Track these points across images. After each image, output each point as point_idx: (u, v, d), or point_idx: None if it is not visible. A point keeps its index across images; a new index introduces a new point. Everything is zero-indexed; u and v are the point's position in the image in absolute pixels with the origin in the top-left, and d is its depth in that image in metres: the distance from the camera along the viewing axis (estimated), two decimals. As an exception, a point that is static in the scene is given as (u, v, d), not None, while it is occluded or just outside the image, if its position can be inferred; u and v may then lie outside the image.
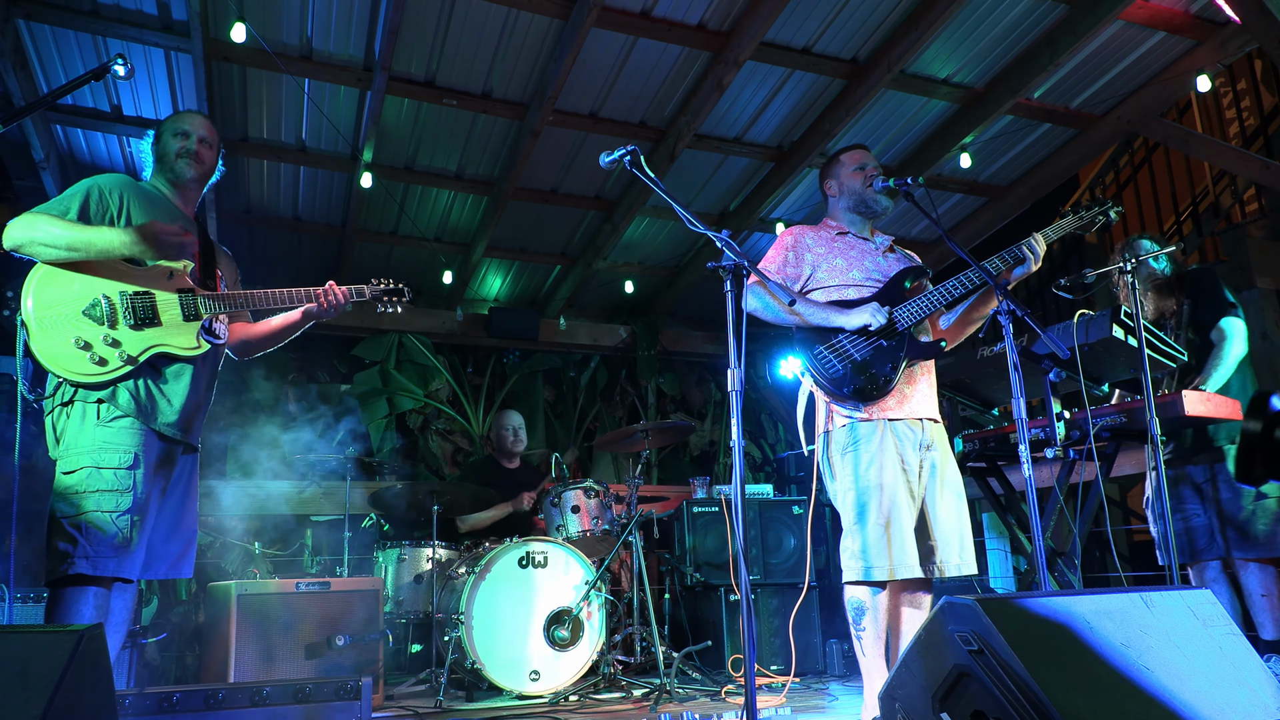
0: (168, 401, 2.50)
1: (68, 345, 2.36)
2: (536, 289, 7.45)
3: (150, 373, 2.48)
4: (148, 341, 2.46)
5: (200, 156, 2.73)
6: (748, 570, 1.94)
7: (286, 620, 3.63)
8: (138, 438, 2.41)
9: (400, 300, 2.90)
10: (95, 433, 2.37)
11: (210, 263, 2.71)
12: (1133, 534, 6.10)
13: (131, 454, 2.38)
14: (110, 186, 2.55)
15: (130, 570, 2.36)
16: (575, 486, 4.46)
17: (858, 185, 2.91)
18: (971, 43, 4.93)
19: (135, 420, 2.41)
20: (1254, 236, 5.58)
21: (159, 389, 2.49)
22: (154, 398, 2.47)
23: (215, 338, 2.66)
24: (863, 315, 2.68)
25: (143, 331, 2.46)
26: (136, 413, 2.42)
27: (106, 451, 2.36)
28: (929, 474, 2.69)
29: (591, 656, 4.09)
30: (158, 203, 2.65)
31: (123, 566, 2.33)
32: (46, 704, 1.45)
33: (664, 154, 5.49)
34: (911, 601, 2.71)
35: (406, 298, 2.92)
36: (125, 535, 2.32)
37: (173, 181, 2.71)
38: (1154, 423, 2.79)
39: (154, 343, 2.46)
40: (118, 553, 2.31)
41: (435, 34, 4.60)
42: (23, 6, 4.20)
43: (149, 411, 2.45)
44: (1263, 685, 1.84)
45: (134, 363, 2.42)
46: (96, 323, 2.40)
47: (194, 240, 2.61)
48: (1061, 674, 1.62)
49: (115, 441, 2.38)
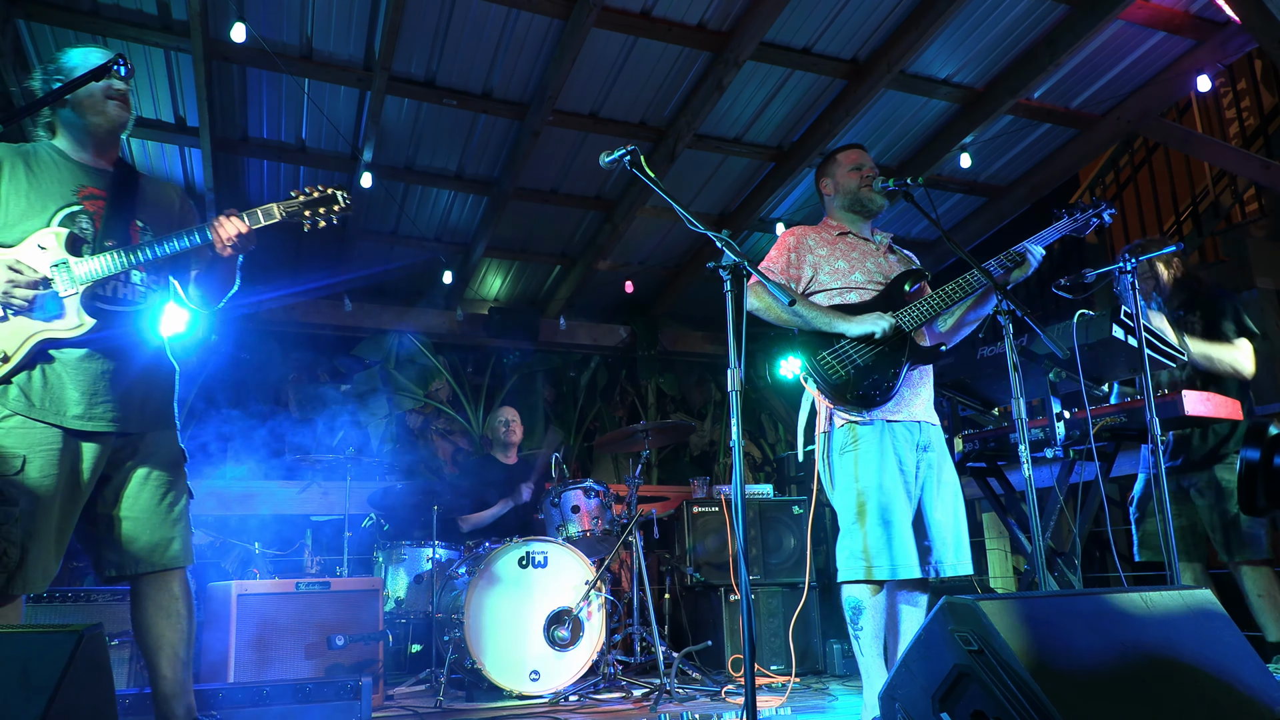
0: (77, 391, 2.19)
1: None
2: (536, 289, 7.45)
3: (49, 362, 2.19)
4: (25, 332, 2.16)
5: (128, 98, 2.39)
6: (748, 570, 1.94)
7: (286, 620, 3.63)
8: (29, 437, 2.14)
9: (335, 209, 2.41)
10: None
11: (121, 219, 2.33)
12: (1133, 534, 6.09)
13: (19, 457, 2.11)
14: None
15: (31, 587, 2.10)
16: (575, 487, 4.46)
17: (853, 185, 2.91)
18: (971, 43, 4.93)
19: (26, 419, 2.14)
20: (1254, 236, 5.58)
21: (59, 379, 2.19)
22: (53, 389, 2.18)
23: (121, 305, 2.29)
24: (866, 324, 2.66)
25: (15, 320, 2.16)
26: (27, 409, 2.15)
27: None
28: (926, 475, 2.70)
29: (591, 656, 4.09)
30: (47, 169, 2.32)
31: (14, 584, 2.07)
32: (46, 704, 1.45)
33: (664, 154, 5.50)
34: (909, 601, 2.71)
35: (343, 205, 2.42)
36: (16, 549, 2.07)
37: (95, 128, 2.35)
38: (1154, 422, 2.79)
39: (31, 332, 2.17)
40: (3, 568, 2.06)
41: (435, 34, 4.61)
42: (23, 6, 4.20)
43: (48, 406, 2.17)
44: (1263, 685, 1.84)
45: (11, 361, 2.14)
46: None
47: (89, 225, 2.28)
48: (1061, 674, 1.62)
49: (3, 445, 2.12)
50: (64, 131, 2.40)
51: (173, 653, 2.32)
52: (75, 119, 2.36)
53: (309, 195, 2.39)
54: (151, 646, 2.32)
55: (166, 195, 2.53)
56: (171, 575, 2.36)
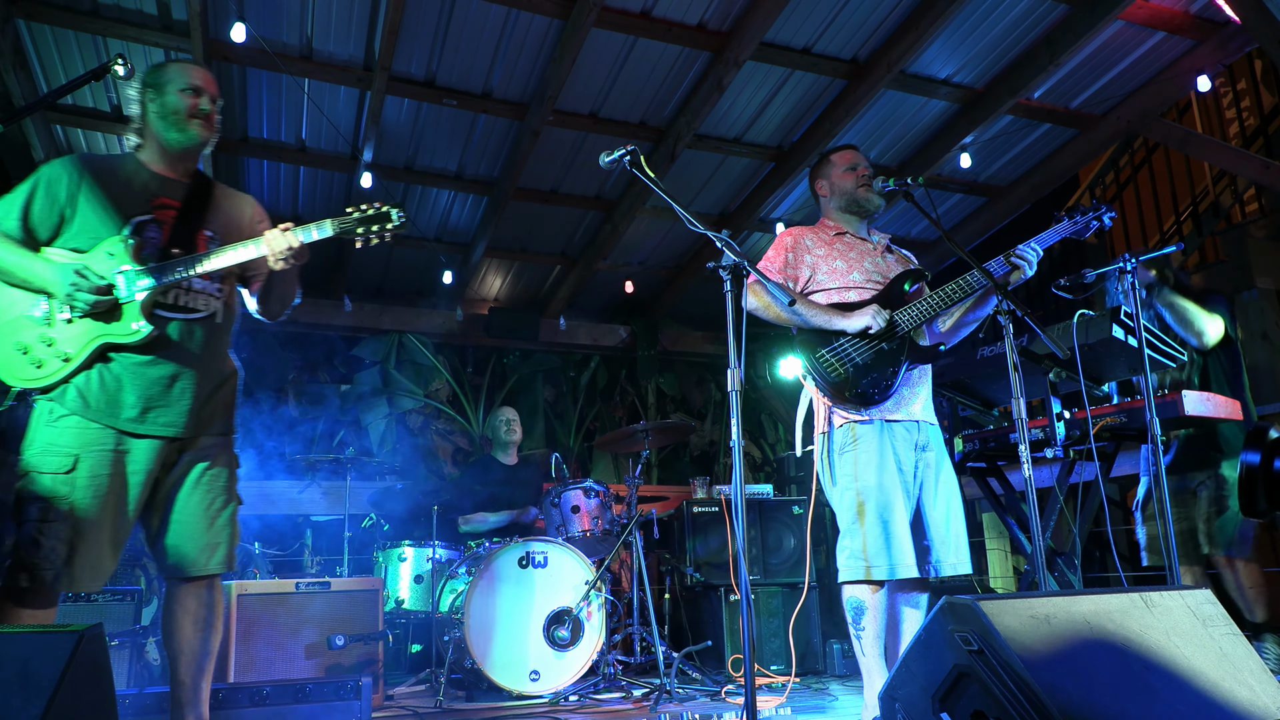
0: (134, 395, 2.24)
1: (10, 351, 2.22)
2: (536, 289, 7.45)
3: (107, 364, 2.25)
4: (88, 335, 2.23)
5: (213, 120, 2.45)
6: (748, 570, 1.94)
7: (286, 620, 3.63)
8: (83, 437, 2.19)
9: (389, 226, 2.38)
10: (42, 434, 2.20)
11: (190, 229, 2.38)
12: (1133, 534, 6.10)
13: (71, 456, 2.16)
14: (55, 178, 2.29)
15: (78, 586, 2.13)
16: (575, 487, 4.46)
17: (849, 185, 2.91)
18: (971, 43, 4.93)
19: (82, 419, 2.20)
20: (1254, 236, 5.58)
21: (118, 382, 2.24)
22: (110, 392, 2.23)
23: (182, 313, 2.34)
24: (863, 318, 2.67)
25: (81, 324, 2.23)
26: (83, 410, 2.21)
27: (52, 455, 2.17)
28: (925, 475, 2.70)
29: (591, 656, 4.09)
30: (122, 181, 2.36)
31: (61, 580, 2.10)
32: (46, 704, 1.45)
33: (664, 154, 5.50)
34: (909, 601, 2.71)
35: (396, 222, 2.39)
36: (65, 547, 2.10)
37: (174, 144, 2.39)
38: (1154, 422, 2.79)
39: (94, 335, 2.23)
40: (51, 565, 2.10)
41: (435, 34, 4.61)
42: (23, 6, 4.20)
43: (104, 408, 2.22)
44: (1263, 685, 1.84)
45: (71, 361, 2.21)
46: (38, 323, 2.23)
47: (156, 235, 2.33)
48: (1061, 674, 1.62)
49: (57, 443, 2.18)
50: (149, 144, 2.45)
51: (193, 660, 2.35)
52: (160, 133, 2.41)
53: (363, 211, 2.39)
54: (174, 651, 2.35)
55: (239, 207, 2.57)
56: (207, 583, 2.39)
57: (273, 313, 2.60)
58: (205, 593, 2.38)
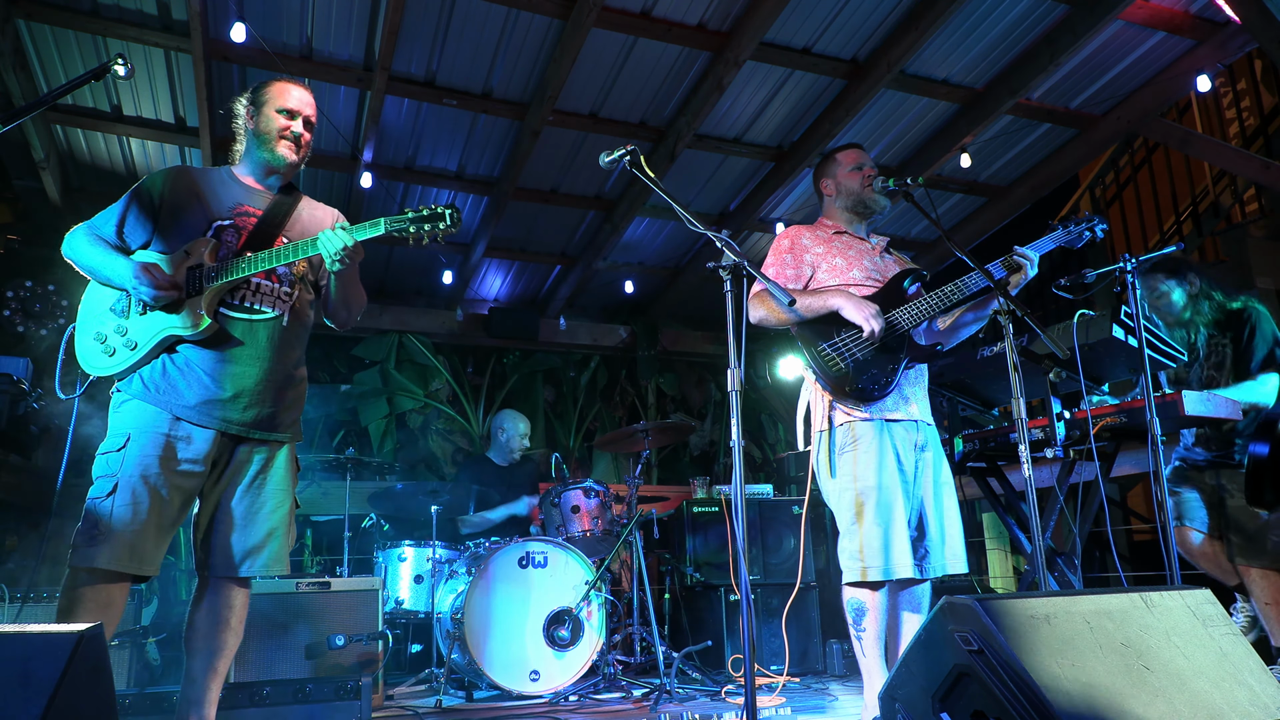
0: (193, 385, 2.34)
1: (89, 341, 2.37)
2: (536, 289, 7.45)
3: (172, 356, 2.36)
4: (155, 326, 2.36)
5: (304, 142, 2.56)
6: (748, 570, 1.94)
7: (286, 620, 3.63)
8: (140, 418, 2.29)
9: (442, 227, 2.40)
10: (111, 420, 2.33)
11: (267, 234, 2.48)
12: (1133, 534, 6.10)
13: (124, 435, 2.27)
14: (150, 187, 2.45)
15: (116, 561, 2.16)
16: (575, 487, 4.46)
17: (855, 185, 2.91)
18: (971, 43, 4.93)
19: (141, 403, 2.32)
20: (1254, 236, 5.58)
21: (180, 373, 2.34)
22: (172, 380, 2.34)
23: (247, 312, 2.43)
24: (860, 310, 2.66)
25: (151, 317, 2.36)
26: (144, 395, 2.32)
27: (110, 436, 2.29)
28: (923, 474, 2.70)
29: (591, 656, 4.09)
30: (211, 191, 2.48)
31: (99, 556, 2.15)
32: (46, 704, 1.45)
33: (664, 154, 5.50)
34: (909, 601, 2.71)
35: (449, 223, 2.40)
36: (107, 522, 2.17)
37: (261, 162, 2.54)
38: (1154, 422, 2.79)
39: (160, 327, 2.35)
40: (93, 541, 2.16)
41: (435, 34, 4.61)
42: (23, 6, 4.20)
43: (164, 394, 2.32)
44: (1263, 685, 1.84)
45: (139, 349, 2.34)
46: (116, 316, 2.38)
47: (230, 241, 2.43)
48: (1061, 674, 1.62)
49: (117, 425, 2.30)
50: (244, 158, 2.59)
51: (209, 661, 2.37)
52: (252, 150, 2.56)
53: (418, 213, 2.42)
54: (193, 648, 2.38)
55: (319, 216, 2.66)
56: (238, 586, 2.42)
57: (340, 319, 2.67)
58: (233, 596, 2.42)
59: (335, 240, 2.36)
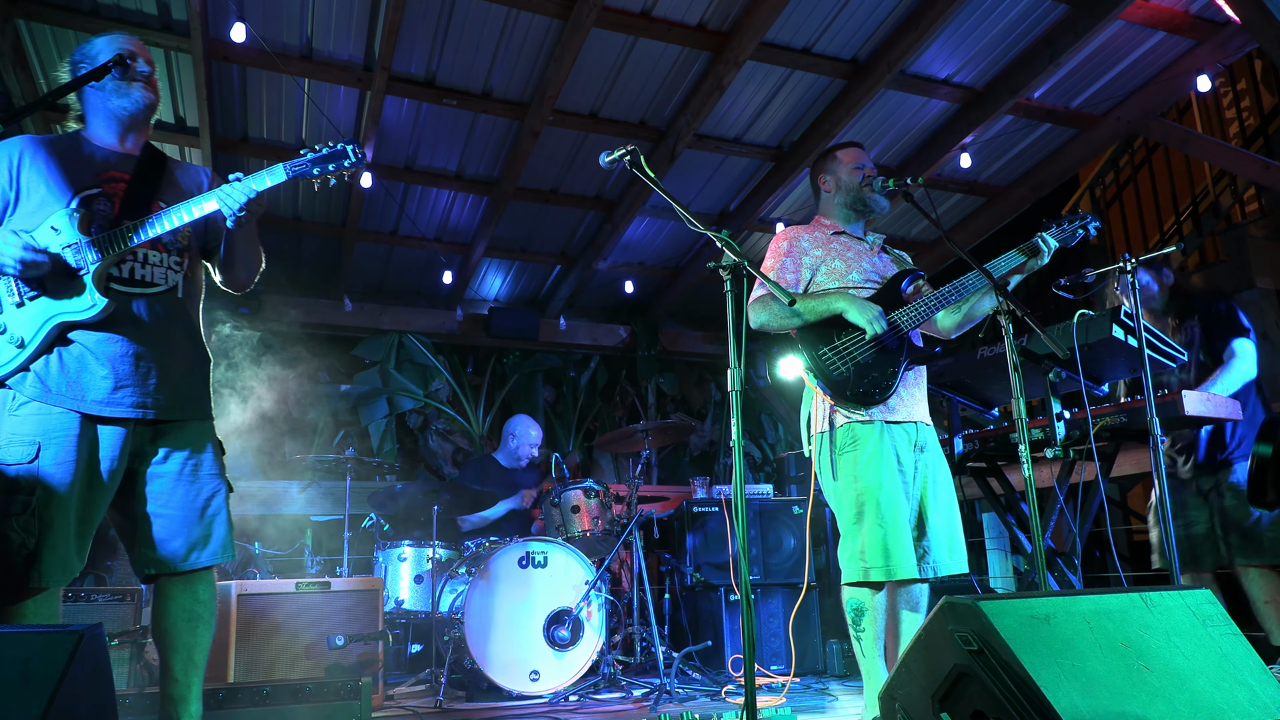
0: (97, 375, 2.13)
1: None
2: (536, 289, 7.45)
3: (67, 346, 2.14)
4: (42, 315, 2.12)
5: (154, 83, 2.36)
6: (748, 570, 1.94)
7: (286, 620, 3.63)
8: (45, 423, 2.08)
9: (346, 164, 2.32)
10: (4, 425, 2.09)
11: (141, 201, 2.28)
12: (1133, 534, 6.10)
13: (33, 446, 2.05)
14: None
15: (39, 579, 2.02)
16: (575, 487, 4.46)
17: (855, 184, 2.91)
18: (971, 43, 4.93)
19: (42, 404, 2.09)
20: (1254, 236, 5.58)
21: (79, 363, 2.13)
22: (72, 374, 2.12)
23: (138, 285, 2.23)
24: (864, 313, 2.66)
25: (32, 305, 2.13)
26: (43, 395, 2.09)
27: (10, 446, 2.06)
28: (923, 475, 2.70)
29: (591, 656, 4.09)
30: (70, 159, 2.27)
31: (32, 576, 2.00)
32: (46, 704, 1.45)
33: (664, 154, 5.50)
34: (908, 601, 2.71)
35: (352, 159, 2.32)
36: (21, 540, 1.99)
37: (120, 111, 2.31)
38: (1154, 422, 2.79)
39: (48, 315, 2.12)
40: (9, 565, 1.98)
41: (435, 34, 4.61)
42: (23, 6, 4.20)
43: (65, 391, 2.11)
44: (1263, 685, 1.84)
45: (27, 345, 2.11)
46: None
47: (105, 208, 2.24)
48: (1061, 674, 1.62)
49: (19, 432, 2.07)
50: (91, 118, 2.36)
51: (187, 656, 2.26)
52: (101, 104, 2.32)
53: (317, 152, 2.30)
54: (167, 647, 2.26)
55: (194, 178, 2.48)
56: (199, 577, 2.28)
57: (239, 281, 2.48)
58: (198, 587, 2.27)
59: (237, 192, 2.20)
